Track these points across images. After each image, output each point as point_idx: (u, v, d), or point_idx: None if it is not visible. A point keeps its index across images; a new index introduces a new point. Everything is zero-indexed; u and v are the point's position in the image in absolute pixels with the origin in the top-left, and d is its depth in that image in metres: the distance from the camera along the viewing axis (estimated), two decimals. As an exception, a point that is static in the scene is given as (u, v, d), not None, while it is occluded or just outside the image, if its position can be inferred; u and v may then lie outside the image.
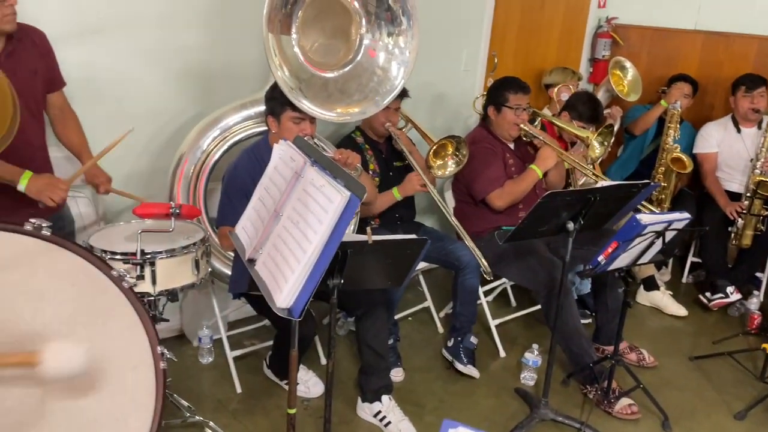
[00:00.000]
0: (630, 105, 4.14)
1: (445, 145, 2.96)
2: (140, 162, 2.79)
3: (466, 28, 3.82)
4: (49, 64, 2.28)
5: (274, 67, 2.30)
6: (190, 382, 2.81)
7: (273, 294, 1.50)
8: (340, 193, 1.44)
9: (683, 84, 3.94)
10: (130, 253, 1.96)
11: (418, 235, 2.94)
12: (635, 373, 2.78)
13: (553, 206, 2.35)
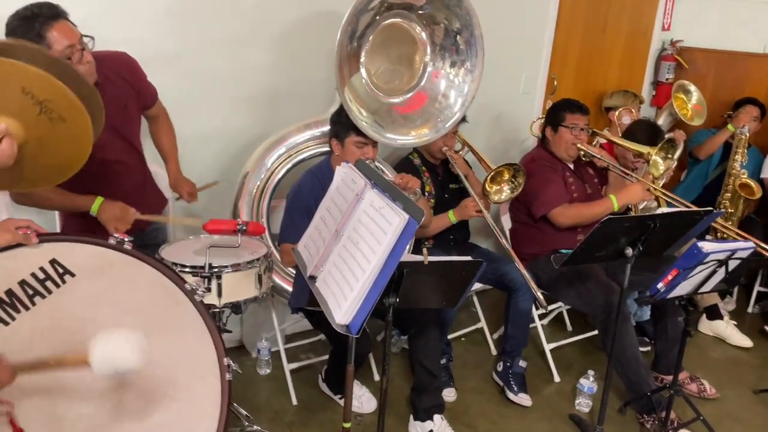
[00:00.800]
0: (694, 129, 4.05)
1: (502, 172, 2.98)
2: (207, 178, 2.92)
3: (526, 51, 3.84)
4: (138, 86, 2.35)
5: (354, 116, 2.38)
6: (249, 392, 2.90)
7: (333, 310, 1.56)
8: (398, 215, 1.49)
9: (752, 107, 3.84)
10: (199, 266, 2.07)
11: (472, 256, 2.96)
12: (695, 404, 2.71)
13: (611, 232, 2.34)
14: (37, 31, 1.92)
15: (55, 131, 1.59)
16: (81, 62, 2.00)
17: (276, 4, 2.87)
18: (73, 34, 1.98)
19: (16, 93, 1.52)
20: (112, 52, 2.28)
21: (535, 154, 3.27)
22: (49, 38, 1.93)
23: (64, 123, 1.59)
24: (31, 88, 1.52)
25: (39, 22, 1.92)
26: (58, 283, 1.51)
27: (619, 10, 4.13)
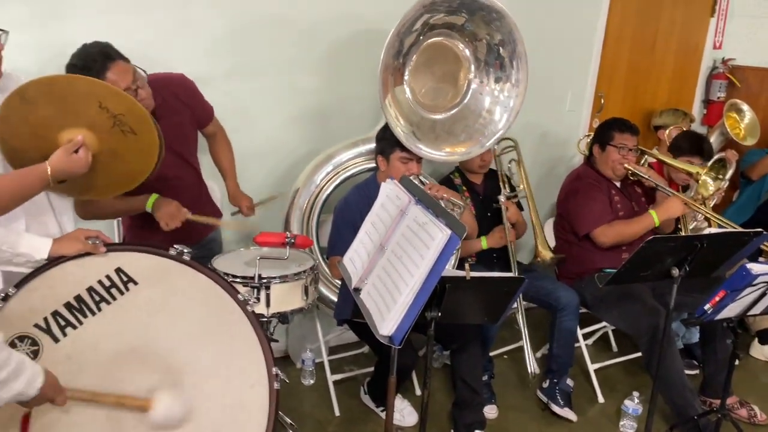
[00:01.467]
0: (747, 149, 3.97)
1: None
2: (260, 193, 3.02)
3: (572, 69, 3.84)
4: (194, 105, 2.46)
5: (393, 122, 2.45)
6: (293, 402, 2.97)
7: (376, 322, 1.62)
8: (441, 231, 1.54)
9: None
10: (249, 276, 2.16)
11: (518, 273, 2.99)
12: (744, 429, 2.65)
13: (656, 251, 2.33)
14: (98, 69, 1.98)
15: (125, 143, 1.74)
16: (143, 100, 2.09)
17: (326, 27, 2.97)
18: (125, 77, 2.06)
19: (94, 108, 1.66)
20: (170, 75, 2.40)
21: (580, 171, 3.28)
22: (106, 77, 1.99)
23: (135, 135, 1.73)
24: (107, 104, 1.67)
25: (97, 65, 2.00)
26: (122, 290, 1.62)
27: (668, 28, 4.10)
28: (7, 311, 1.48)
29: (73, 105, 1.65)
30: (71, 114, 1.66)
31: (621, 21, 3.89)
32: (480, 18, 2.51)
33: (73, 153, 1.65)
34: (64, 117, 1.65)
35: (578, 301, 3.02)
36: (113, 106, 1.66)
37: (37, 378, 1.28)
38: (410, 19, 2.29)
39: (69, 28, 2.40)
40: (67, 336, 1.54)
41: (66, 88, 1.63)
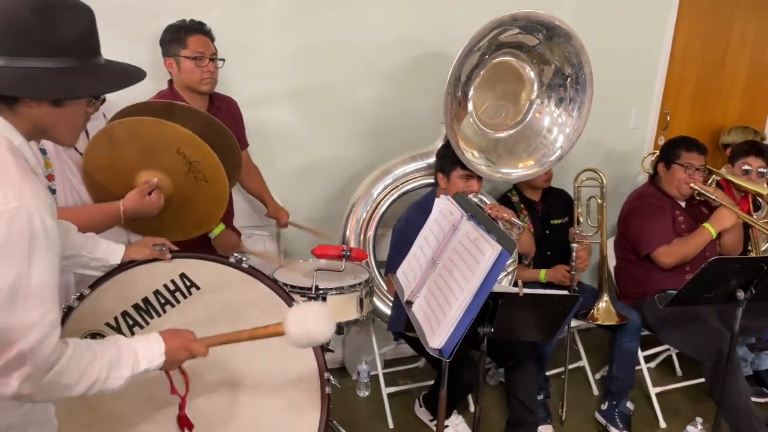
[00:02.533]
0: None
1: None
2: (317, 207, 3.12)
3: (636, 86, 3.77)
4: (238, 127, 2.66)
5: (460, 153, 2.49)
6: (347, 413, 3.02)
7: (427, 335, 1.65)
8: (492, 246, 1.56)
9: None
10: (307, 287, 2.23)
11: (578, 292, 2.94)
12: None
13: (719, 272, 2.26)
14: (181, 36, 2.37)
15: (197, 190, 1.82)
16: (206, 68, 2.39)
17: (385, 49, 3.03)
18: (207, 47, 2.41)
19: (173, 152, 1.76)
20: (226, 96, 2.63)
21: (643, 190, 3.21)
22: (188, 42, 2.37)
23: (207, 183, 1.82)
24: (185, 150, 1.76)
25: (184, 30, 2.38)
26: (185, 294, 1.72)
27: (739, 44, 3.97)
28: (82, 309, 1.60)
29: (154, 148, 1.74)
30: (150, 156, 1.75)
31: (688, 37, 3.80)
32: (555, 43, 2.52)
33: (146, 195, 1.75)
34: (143, 158, 1.76)
35: (639, 322, 2.95)
36: (190, 152, 1.75)
37: (155, 355, 1.32)
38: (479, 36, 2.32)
39: (146, 49, 2.56)
40: (134, 335, 1.64)
41: (149, 130, 1.73)
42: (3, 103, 1.12)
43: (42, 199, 1.09)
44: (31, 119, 1.15)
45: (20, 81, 1.10)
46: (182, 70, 2.40)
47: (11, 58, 1.09)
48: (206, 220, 1.90)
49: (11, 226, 1.03)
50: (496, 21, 2.29)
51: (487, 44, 2.47)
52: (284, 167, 3.01)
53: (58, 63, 1.12)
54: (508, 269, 2.59)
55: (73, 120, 1.21)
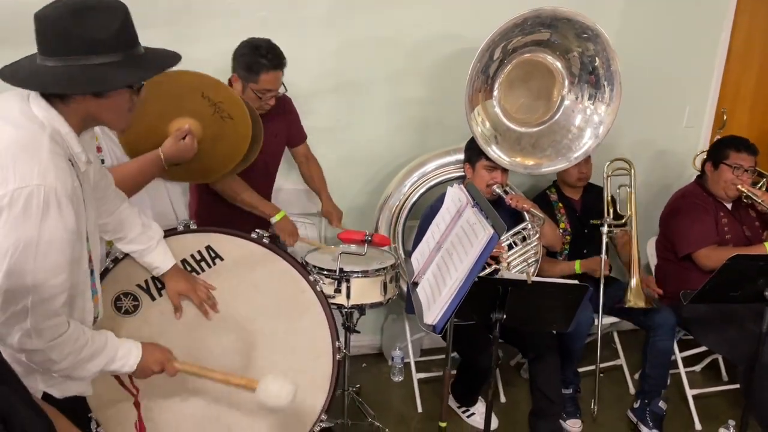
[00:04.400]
0: None
1: None
2: (360, 198, 3.27)
3: (691, 84, 3.69)
4: (291, 124, 2.78)
5: (474, 123, 2.58)
6: (380, 395, 3.15)
7: (424, 313, 1.76)
8: (485, 230, 1.65)
9: None
10: (332, 269, 2.38)
11: (610, 290, 2.94)
12: None
13: (742, 270, 2.24)
14: (256, 67, 2.38)
15: (224, 128, 2.00)
16: (267, 102, 2.47)
17: (428, 45, 3.13)
18: (276, 83, 2.44)
19: (198, 98, 1.95)
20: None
21: (688, 189, 3.16)
22: (260, 79, 2.40)
23: (232, 120, 2.00)
24: (208, 93, 1.95)
25: (264, 62, 2.37)
26: (210, 264, 1.90)
27: (806, 42, 3.81)
28: (117, 271, 1.81)
29: (179, 97, 1.92)
30: (177, 105, 1.94)
31: (747, 35, 3.69)
32: (568, 30, 2.55)
33: (180, 140, 1.95)
34: (172, 109, 1.94)
35: (674, 322, 2.92)
36: (213, 94, 1.93)
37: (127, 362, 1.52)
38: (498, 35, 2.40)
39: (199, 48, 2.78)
40: (162, 296, 1.84)
41: (172, 83, 1.90)
42: (56, 98, 1.33)
43: (64, 184, 1.28)
44: (80, 110, 1.35)
45: (62, 79, 1.28)
46: (245, 94, 2.43)
47: (56, 59, 1.29)
48: (236, 153, 2.09)
49: (30, 199, 1.23)
50: (519, 18, 2.37)
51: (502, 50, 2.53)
52: (327, 157, 3.15)
53: (96, 59, 1.29)
54: (530, 261, 2.63)
55: (119, 108, 1.39)
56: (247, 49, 2.42)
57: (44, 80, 1.29)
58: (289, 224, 2.64)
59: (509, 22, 2.40)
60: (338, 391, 2.79)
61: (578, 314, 2.75)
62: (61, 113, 1.33)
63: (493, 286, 2.13)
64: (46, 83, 1.30)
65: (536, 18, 2.41)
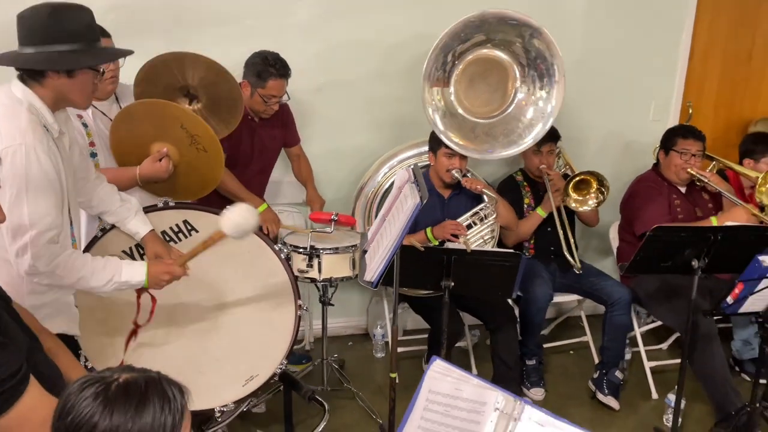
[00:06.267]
0: None
1: (589, 182, 3.15)
2: (343, 188, 3.57)
3: (656, 79, 3.92)
4: (287, 128, 3.14)
5: (439, 131, 2.86)
6: (363, 369, 3.44)
7: (366, 272, 2.06)
8: (413, 198, 1.95)
9: None
10: (304, 247, 2.69)
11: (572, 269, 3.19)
12: None
13: (668, 241, 2.48)
14: (265, 75, 2.75)
15: (198, 158, 2.29)
16: (272, 107, 2.85)
17: (402, 46, 3.43)
18: (281, 90, 2.82)
19: (177, 128, 2.24)
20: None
21: (644, 175, 3.41)
22: (268, 84, 2.77)
23: (206, 153, 2.29)
24: (187, 125, 2.23)
25: (272, 71, 2.76)
26: (186, 235, 2.23)
27: (766, 40, 4.03)
28: (105, 240, 2.14)
29: (163, 124, 2.21)
30: (161, 130, 2.23)
31: (709, 32, 3.91)
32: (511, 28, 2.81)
33: (157, 161, 2.23)
34: (155, 132, 2.24)
35: (630, 298, 3.16)
36: (191, 127, 2.21)
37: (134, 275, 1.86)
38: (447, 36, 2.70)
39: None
40: (144, 260, 2.16)
41: (161, 110, 2.21)
42: (33, 79, 1.70)
43: (41, 143, 1.65)
44: (53, 89, 1.72)
45: (42, 60, 1.67)
46: (252, 99, 2.83)
47: (36, 47, 1.67)
48: (209, 182, 2.37)
49: (15, 157, 1.61)
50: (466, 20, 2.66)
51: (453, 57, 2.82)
52: (322, 150, 3.47)
53: (68, 47, 1.68)
54: (486, 239, 2.91)
55: (84, 87, 1.76)
56: (259, 58, 2.81)
57: (26, 59, 1.67)
58: (271, 214, 2.96)
59: (458, 23, 2.69)
60: (318, 361, 3.15)
61: (535, 289, 3.05)
62: (36, 93, 1.71)
63: (440, 255, 2.44)
64: (29, 61, 1.67)
65: (482, 19, 2.69)
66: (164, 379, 1.07)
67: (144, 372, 1.07)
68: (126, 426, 0.98)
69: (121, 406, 0.99)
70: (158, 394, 1.03)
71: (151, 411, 1.01)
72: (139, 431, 0.99)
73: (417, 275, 2.53)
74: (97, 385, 1.01)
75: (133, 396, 1.01)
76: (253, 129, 2.92)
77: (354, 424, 2.93)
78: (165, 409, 1.02)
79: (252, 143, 2.96)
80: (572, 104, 3.72)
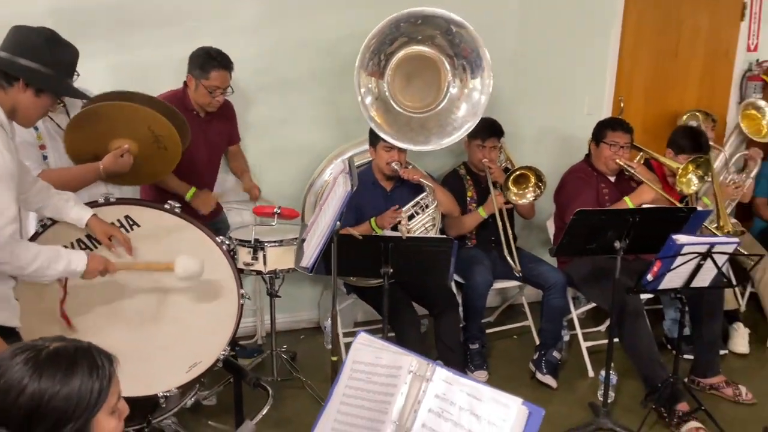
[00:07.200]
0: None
1: (528, 177, 3.32)
2: (291, 187, 3.65)
3: (589, 75, 4.13)
4: (232, 126, 3.26)
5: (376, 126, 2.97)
6: (314, 359, 3.53)
7: (303, 259, 2.17)
8: (345, 186, 2.07)
9: None
10: (248, 240, 2.78)
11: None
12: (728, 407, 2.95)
13: (590, 224, 2.65)
14: (207, 66, 2.86)
15: (158, 154, 2.47)
16: (217, 99, 2.94)
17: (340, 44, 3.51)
18: (225, 81, 2.93)
19: (144, 128, 2.39)
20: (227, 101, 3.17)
21: (575, 166, 3.59)
22: (211, 75, 2.88)
23: (166, 151, 2.48)
24: (154, 127, 2.40)
25: (214, 63, 2.86)
26: (128, 229, 2.31)
27: (692, 35, 4.27)
28: (47, 234, 2.20)
29: (131, 123, 2.37)
30: (125, 128, 2.37)
31: (637, 29, 4.14)
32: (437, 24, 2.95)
33: (120, 157, 2.37)
34: (117, 130, 2.37)
35: (565, 281, 3.33)
36: (158, 129, 2.39)
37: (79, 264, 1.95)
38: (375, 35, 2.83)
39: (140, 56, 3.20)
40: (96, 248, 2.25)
41: (129, 111, 2.35)
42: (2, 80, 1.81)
43: (3, 139, 1.74)
44: (14, 99, 1.83)
45: (25, 70, 1.82)
46: (197, 92, 2.93)
47: (20, 57, 1.82)
48: (160, 173, 2.63)
49: None
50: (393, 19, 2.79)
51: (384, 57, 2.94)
52: (269, 148, 3.56)
53: (50, 71, 1.87)
54: (428, 227, 3.05)
55: (41, 109, 1.92)
56: (201, 51, 2.94)
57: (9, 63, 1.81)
58: (202, 196, 3.01)
59: (384, 22, 2.81)
60: (268, 353, 3.24)
61: (475, 276, 3.19)
62: None
63: (378, 243, 2.55)
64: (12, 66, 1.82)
65: (409, 17, 2.82)
66: (94, 348, 1.16)
67: (75, 341, 1.15)
68: (54, 389, 1.07)
69: (50, 370, 1.07)
70: (87, 361, 1.12)
71: (79, 376, 1.09)
72: (66, 395, 1.08)
73: (358, 263, 2.64)
74: (28, 351, 1.09)
75: (62, 362, 1.09)
76: (199, 124, 3.01)
77: (303, 411, 3.03)
78: (93, 375, 1.11)
79: (198, 138, 3.03)
80: (510, 100, 3.91)
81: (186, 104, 2.97)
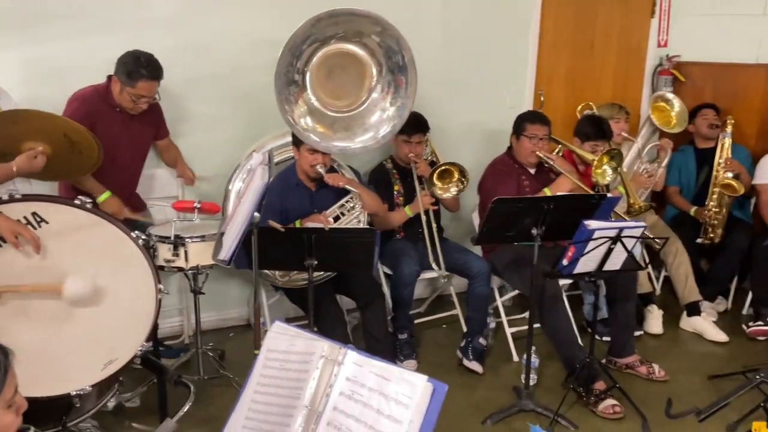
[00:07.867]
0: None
1: (452, 172, 3.39)
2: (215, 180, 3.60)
3: (510, 71, 4.25)
4: (158, 123, 3.19)
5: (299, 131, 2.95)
6: (243, 357, 3.47)
7: (221, 251, 2.15)
8: (262, 180, 2.06)
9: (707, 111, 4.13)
10: (168, 236, 2.73)
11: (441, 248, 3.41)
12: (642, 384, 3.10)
13: (507, 212, 2.73)
14: (135, 75, 2.78)
15: (74, 156, 2.48)
16: (140, 105, 2.88)
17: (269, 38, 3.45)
18: (151, 91, 2.86)
19: (60, 135, 2.39)
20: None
21: (497, 159, 3.69)
22: (137, 85, 2.80)
23: (81, 155, 2.49)
24: (70, 134, 2.41)
25: (143, 72, 2.78)
26: (35, 226, 2.22)
27: (606, 31, 4.46)
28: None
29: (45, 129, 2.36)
30: (38, 133, 2.35)
31: (555, 25, 4.30)
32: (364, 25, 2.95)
33: (33, 158, 2.33)
34: (30, 133, 2.35)
35: (488, 270, 3.41)
36: (73, 136, 2.40)
37: None
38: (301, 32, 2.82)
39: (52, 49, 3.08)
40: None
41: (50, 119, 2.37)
42: None
43: None
44: None
45: None
46: (121, 95, 2.85)
47: None
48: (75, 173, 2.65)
49: None
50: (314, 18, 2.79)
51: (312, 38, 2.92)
52: (194, 142, 3.49)
53: None
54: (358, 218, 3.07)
55: None
56: (131, 58, 2.82)
57: None
58: (114, 202, 2.88)
59: (306, 22, 2.80)
60: (193, 350, 3.18)
61: (402, 267, 3.23)
62: None
63: (301, 235, 2.55)
64: None
65: (331, 17, 2.82)
66: None
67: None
68: None
69: None
70: None
71: None
72: None
73: (281, 256, 2.63)
74: None
75: None
76: (122, 120, 2.93)
77: (229, 408, 2.97)
78: None
79: (121, 135, 2.95)
80: (434, 95, 3.96)
81: (109, 101, 2.89)
